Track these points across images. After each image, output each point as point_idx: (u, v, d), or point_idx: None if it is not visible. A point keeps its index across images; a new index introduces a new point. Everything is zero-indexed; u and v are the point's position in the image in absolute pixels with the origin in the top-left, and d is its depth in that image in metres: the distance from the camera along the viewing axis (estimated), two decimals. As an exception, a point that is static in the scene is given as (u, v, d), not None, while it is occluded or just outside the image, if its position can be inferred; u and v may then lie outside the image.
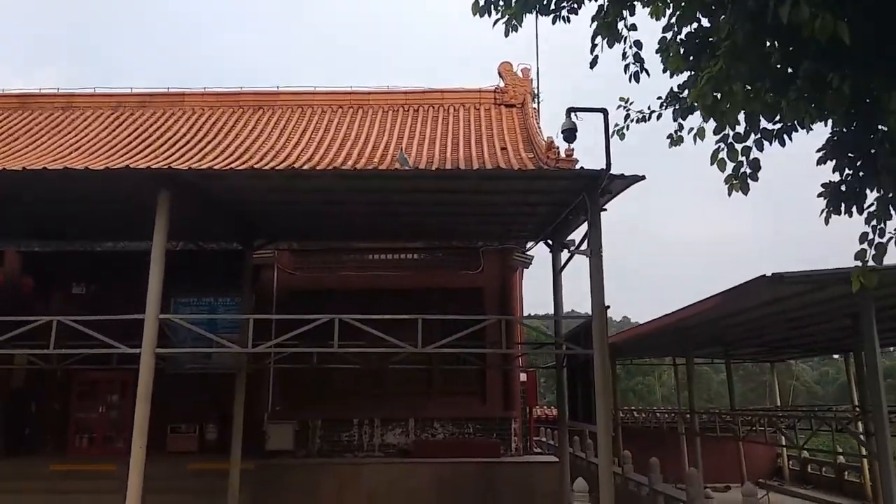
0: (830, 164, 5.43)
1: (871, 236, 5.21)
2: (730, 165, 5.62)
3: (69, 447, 17.41)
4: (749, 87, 5.50)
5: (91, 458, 15.72)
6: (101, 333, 10.86)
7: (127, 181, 10.38)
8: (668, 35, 5.85)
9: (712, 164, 5.69)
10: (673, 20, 5.78)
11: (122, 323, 10.75)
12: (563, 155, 16.20)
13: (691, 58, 5.87)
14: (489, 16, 6.18)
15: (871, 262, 5.19)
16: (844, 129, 5.60)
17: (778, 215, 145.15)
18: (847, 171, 5.48)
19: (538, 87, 21.52)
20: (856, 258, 5.20)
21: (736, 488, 19.73)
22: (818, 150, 5.67)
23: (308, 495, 15.03)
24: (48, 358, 13.42)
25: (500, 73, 21.80)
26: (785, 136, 5.72)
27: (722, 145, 5.66)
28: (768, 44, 5.23)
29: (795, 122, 5.59)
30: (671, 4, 5.69)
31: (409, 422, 16.71)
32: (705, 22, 5.66)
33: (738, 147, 5.55)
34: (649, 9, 5.76)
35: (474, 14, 6.19)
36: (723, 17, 5.31)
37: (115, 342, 10.63)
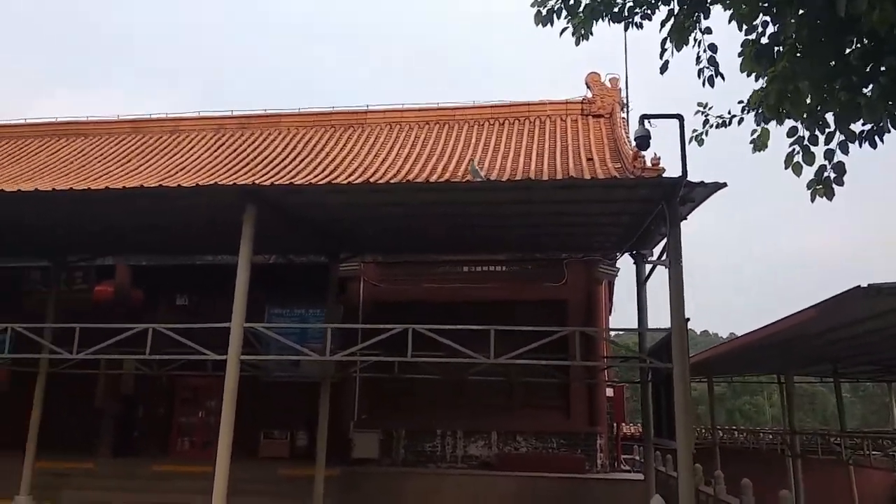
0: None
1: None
2: (810, 169, 5.37)
3: (171, 449, 18.55)
4: (825, 86, 5.25)
5: (190, 461, 16.58)
6: (202, 342, 11.52)
7: (215, 197, 11.00)
8: (752, 37, 5.66)
9: (787, 168, 5.44)
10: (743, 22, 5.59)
11: (221, 332, 11.27)
12: (648, 164, 15.87)
13: (764, 59, 5.65)
14: (552, 25, 6.18)
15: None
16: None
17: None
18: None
19: (627, 97, 21.14)
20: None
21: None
22: (914, 153, 5.34)
23: (391, 502, 15.26)
24: (150, 364, 14.36)
25: (587, 84, 21.54)
26: (876, 138, 5.41)
27: (797, 148, 5.41)
28: (854, 41, 4.98)
29: (889, 122, 5.30)
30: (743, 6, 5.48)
31: (491, 434, 16.70)
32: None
33: (819, 150, 5.28)
34: (730, 12, 5.57)
35: (537, 24, 6.18)
36: (790, 14, 5.11)
37: (204, 350, 11.23)
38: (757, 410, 60.00)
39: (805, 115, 5.26)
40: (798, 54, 5.17)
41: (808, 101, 5.30)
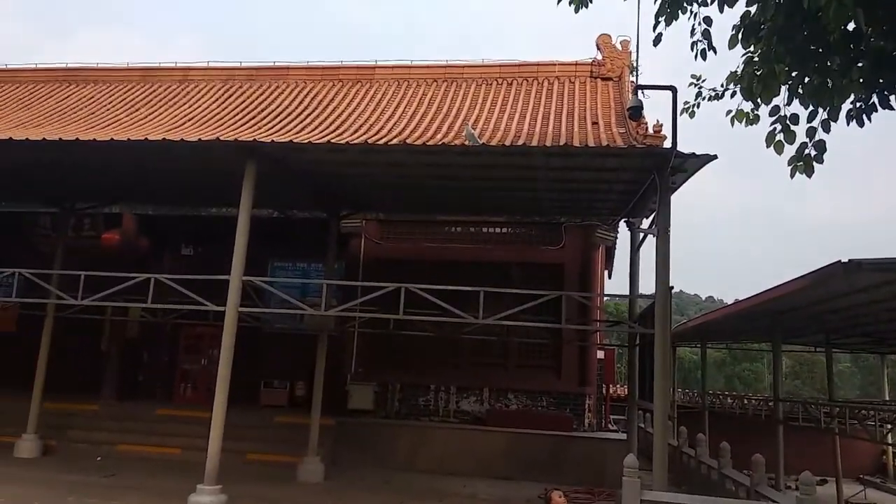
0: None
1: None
2: (792, 147, 5.54)
3: (175, 395, 19.14)
4: (799, 69, 5.38)
5: (192, 406, 17.15)
6: (206, 291, 11.90)
7: (217, 152, 11.23)
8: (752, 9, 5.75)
9: (768, 146, 5.63)
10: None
11: (225, 283, 11.52)
12: (650, 131, 15.91)
13: (751, 38, 5.78)
14: (545, -6, 6.29)
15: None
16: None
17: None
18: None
19: (637, 60, 20.94)
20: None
21: (834, 483, 18.91)
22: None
23: (383, 452, 15.83)
24: (154, 312, 14.78)
25: (597, 46, 21.31)
26: (864, 117, 5.56)
27: (778, 126, 5.57)
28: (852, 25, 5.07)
29: (878, 101, 5.45)
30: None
31: (483, 391, 17.13)
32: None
33: (800, 129, 5.43)
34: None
35: (530, -7, 6.30)
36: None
37: (204, 301, 11.60)
38: (756, 377, 60.47)
39: (774, 98, 5.42)
40: (776, 38, 5.31)
41: (782, 83, 5.45)
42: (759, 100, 5.59)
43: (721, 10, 5.57)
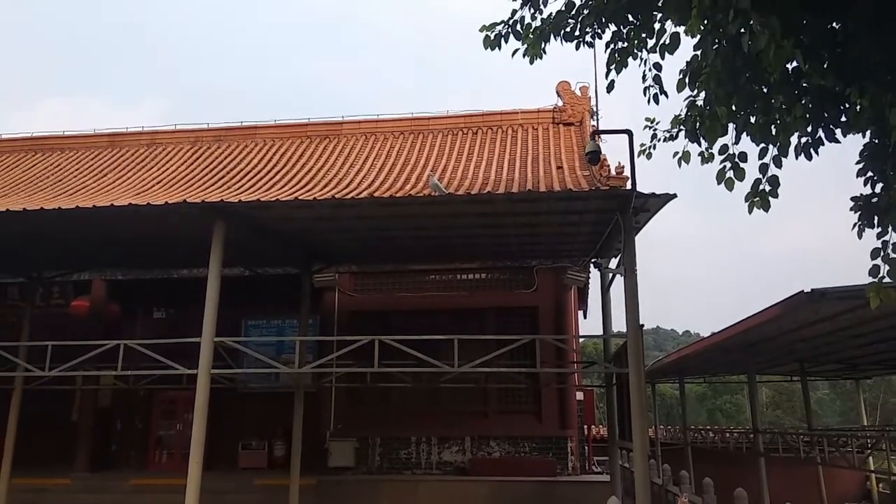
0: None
1: (883, 252, 5.18)
2: (743, 183, 5.70)
3: (150, 462, 18.65)
4: (742, 111, 5.59)
5: (168, 473, 16.71)
6: (179, 354, 11.76)
7: (184, 213, 11.25)
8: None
9: (719, 183, 5.77)
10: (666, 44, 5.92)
11: (198, 345, 11.40)
12: (613, 173, 16.29)
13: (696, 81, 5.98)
14: (499, 49, 6.51)
15: (886, 279, 5.15)
16: (877, 141, 5.59)
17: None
18: (880, 183, 5.46)
19: (596, 105, 21.51)
20: (870, 275, 5.16)
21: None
22: (857, 163, 5.67)
23: (367, 510, 15.54)
24: (126, 379, 14.54)
25: (557, 92, 21.93)
26: (811, 150, 5.74)
27: (727, 164, 5.74)
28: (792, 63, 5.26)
29: (824, 135, 5.63)
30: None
31: (465, 440, 16.96)
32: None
33: (751, 165, 5.61)
34: (683, 28, 5.81)
35: (486, 48, 6.49)
36: (709, 44, 5.46)
37: (176, 364, 11.47)
38: (737, 409, 60.54)
39: (721, 138, 5.62)
40: (716, 82, 5.52)
41: (726, 124, 5.65)
42: (703, 141, 5.78)
43: (662, 57, 5.80)
